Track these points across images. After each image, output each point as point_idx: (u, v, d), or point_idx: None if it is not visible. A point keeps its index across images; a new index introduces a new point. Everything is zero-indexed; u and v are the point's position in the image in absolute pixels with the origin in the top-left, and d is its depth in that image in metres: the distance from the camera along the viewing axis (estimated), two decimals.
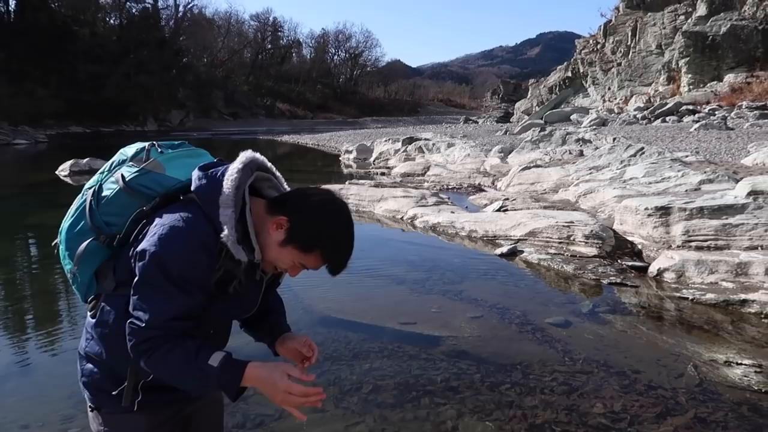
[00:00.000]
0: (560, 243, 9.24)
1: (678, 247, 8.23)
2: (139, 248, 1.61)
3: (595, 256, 8.62)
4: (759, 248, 7.57)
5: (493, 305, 6.91)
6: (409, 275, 8.31)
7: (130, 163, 1.73)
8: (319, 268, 1.81)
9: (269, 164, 1.82)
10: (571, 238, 9.12)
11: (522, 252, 9.22)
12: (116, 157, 1.78)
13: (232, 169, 1.65)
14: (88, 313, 1.79)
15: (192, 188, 1.68)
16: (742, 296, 6.63)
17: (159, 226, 1.60)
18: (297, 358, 1.97)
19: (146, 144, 1.78)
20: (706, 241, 8.05)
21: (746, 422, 4.04)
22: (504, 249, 9.31)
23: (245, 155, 1.70)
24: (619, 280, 7.64)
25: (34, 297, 7.79)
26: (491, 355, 5.39)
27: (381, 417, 4.13)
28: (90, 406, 1.83)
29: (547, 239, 9.44)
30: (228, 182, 1.62)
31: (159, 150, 1.76)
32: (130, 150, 1.78)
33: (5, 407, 4.44)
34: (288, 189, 1.85)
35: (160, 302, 1.56)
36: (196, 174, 1.68)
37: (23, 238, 11.84)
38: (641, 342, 5.80)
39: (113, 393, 1.73)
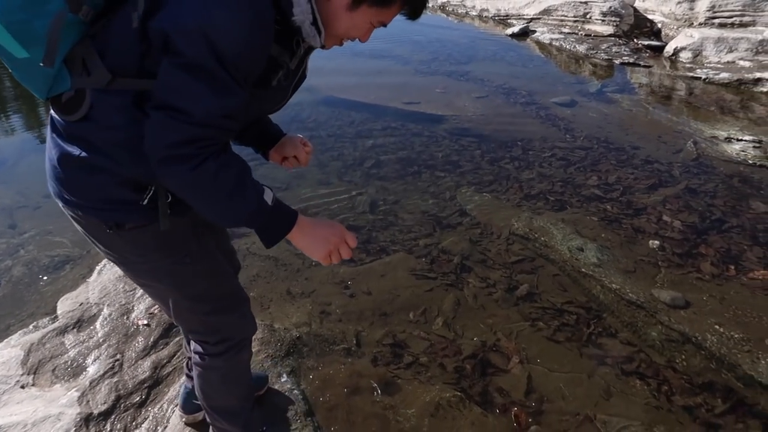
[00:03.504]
0: (575, 21, 8.74)
1: (700, 24, 7.77)
2: (172, 19, 1.13)
3: (610, 35, 8.21)
4: None
5: (499, 86, 6.78)
6: (415, 56, 8.03)
7: None
8: None
9: None
10: (588, 16, 8.60)
11: (534, 32, 8.78)
12: None
13: None
14: (63, 116, 1.27)
15: None
16: (758, 75, 6.43)
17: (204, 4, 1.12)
18: (290, 161, 1.80)
19: None
20: (731, 17, 7.57)
21: (734, 192, 4.19)
22: (515, 29, 8.85)
23: None
24: (632, 60, 7.38)
25: None
26: (493, 133, 5.43)
27: (383, 188, 4.31)
28: (107, 227, 1.36)
29: (562, 17, 8.91)
30: None
31: None
32: None
33: None
34: None
35: (213, 92, 1.16)
36: None
37: None
38: (645, 120, 5.79)
39: (141, 203, 1.32)
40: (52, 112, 1.31)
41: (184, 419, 2.09)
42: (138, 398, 2.27)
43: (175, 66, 1.14)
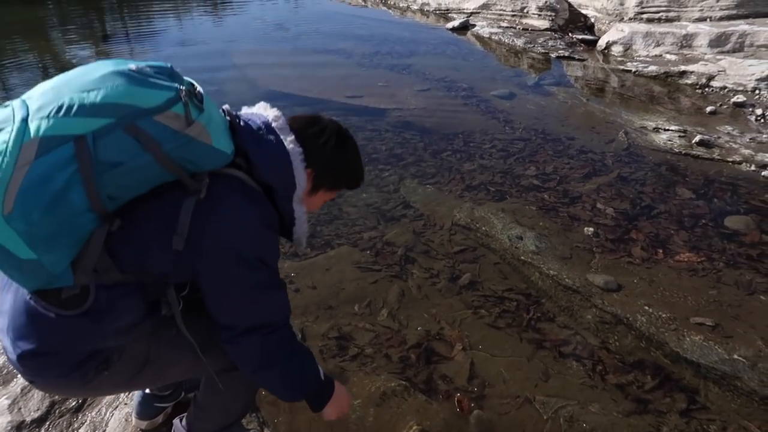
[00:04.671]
0: (513, 16, 8.94)
1: (630, 19, 8.10)
2: (222, 246, 1.28)
3: (547, 29, 8.45)
4: (708, 20, 7.53)
5: (441, 79, 6.87)
6: (357, 50, 8.04)
7: (157, 118, 1.15)
8: None
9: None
10: (525, 11, 8.81)
11: (474, 26, 8.92)
12: (111, 96, 1.12)
13: (295, 154, 1.40)
14: (58, 310, 1.21)
15: (267, 179, 1.38)
16: (682, 68, 6.76)
17: (241, 224, 1.30)
18: None
19: (174, 89, 1.19)
20: (657, 12, 7.92)
21: (662, 179, 4.41)
22: (456, 23, 8.98)
23: (284, 126, 1.42)
24: (567, 54, 7.61)
25: None
26: (435, 126, 5.51)
27: None
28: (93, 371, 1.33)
29: (501, 12, 9.10)
30: (299, 173, 1.41)
31: (198, 103, 1.23)
32: (145, 95, 1.15)
33: None
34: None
35: (280, 296, 1.42)
36: (262, 159, 1.36)
37: None
38: (580, 112, 6.00)
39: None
40: (30, 298, 1.22)
41: (144, 426, 2.01)
42: (74, 403, 2.19)
43: (243, 287, 1.32)
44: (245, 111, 1.50)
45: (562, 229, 3.66)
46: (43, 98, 1.09)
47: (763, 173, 4.47)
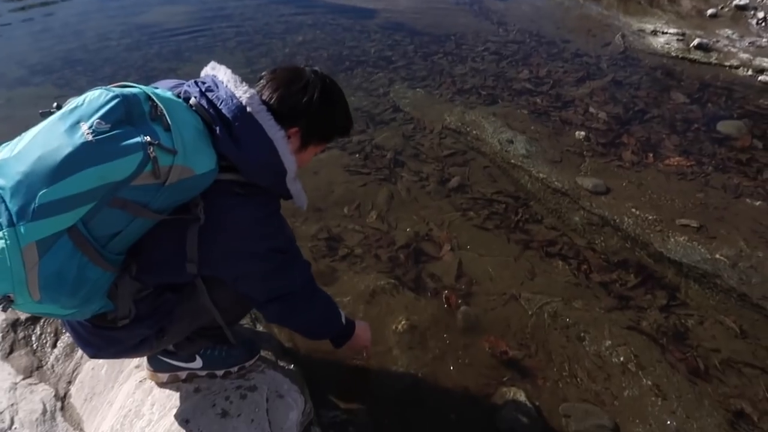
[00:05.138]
0: None
1: None
2: (233, 251, 1.39)
3: None
4: None
5: None
6: None
7: (135, 183, 1.14)
8: None
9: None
10: None
11: None
12: (85, 183, 1.07)
13: (279, 140, 1.35)
14: (105, 326, 1.35)
15: (256, 182, 1.38)
16: None
17: (244, 227, 1.36)
18: None
19: (140, 146, 1.12)
20: None
21: (657, 83, 4.32)
22: None
23: (260, 108, 1.34)
24: None
25: None
26: (426, 27, 5.30)
27: None
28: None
29: None
30: (287, 158, 1.39)
31: (166, 144, 1.16)
32: (115, 168, 1.10)
33: None
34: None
35: (295, 270, 1.55)
36: (246, 165, 1.33)
37: None
38: (576, 14, 5.78)
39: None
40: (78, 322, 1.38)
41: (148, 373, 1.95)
42: None
43: (267, 273, 1.46)
44: (209, 77, 1.38)
45: (554, 133, 3.62)
46: (18, 194, 1.04)
47: (759, 78, 4.40)
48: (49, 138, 1.08)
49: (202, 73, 1.42)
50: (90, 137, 1.07)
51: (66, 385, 1.90)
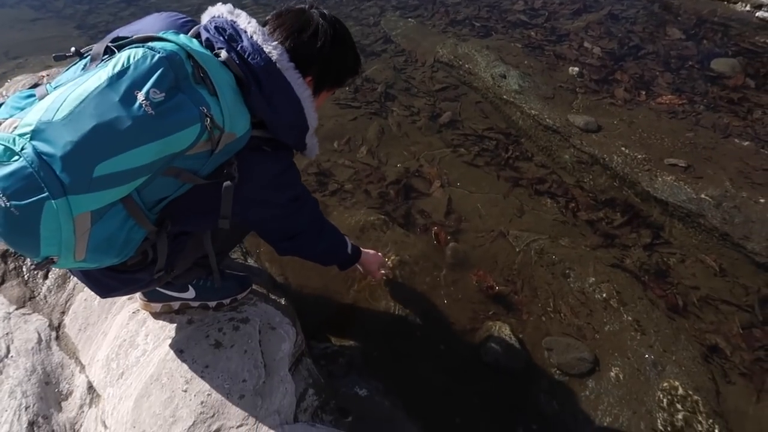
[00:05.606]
0: None
1: None
2: (261, 201, 1.45)
3: None
4: None
5: None
6: None
7: (190, 153, 1.16)
8: None
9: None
10: None
11: None
12: (146, 157, 1.08)
13: (305, 98, 1.34)
14: (123, 268, 1.35)
15: (284, 141, 1.39)
16: None
17: (272, 179, 1.41)
18: None
19: (197, 116, 1.11)
20: None
21: (653, 18, 4.23)
22: None
23: (288, 65, 1.30)
24: None
25: None
26: None
27: None
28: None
29: None
30: (310, 115, 1.38)
31: (220, 115, 1.16)
32: (174, 141, 1.10)
33: None
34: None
35: (306, 214, 1.61)
36: (277, 125, 1.33)
37: None
38: None
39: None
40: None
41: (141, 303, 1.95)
42: None
43: (279, 223, 1.56)
44: (225, 22, 1.29)
45: (547, 68, 3.56)
46: (71, 164, 1.00)
47: (757, 14, 4.31)
48: (102, 107, 1.03)
49: (211, 14, 1.34)
50: (149, 110, 1.05)
51: (60, 316, 1.92)
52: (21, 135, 1.00)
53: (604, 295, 2.21)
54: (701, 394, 1.91)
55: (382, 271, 2.14)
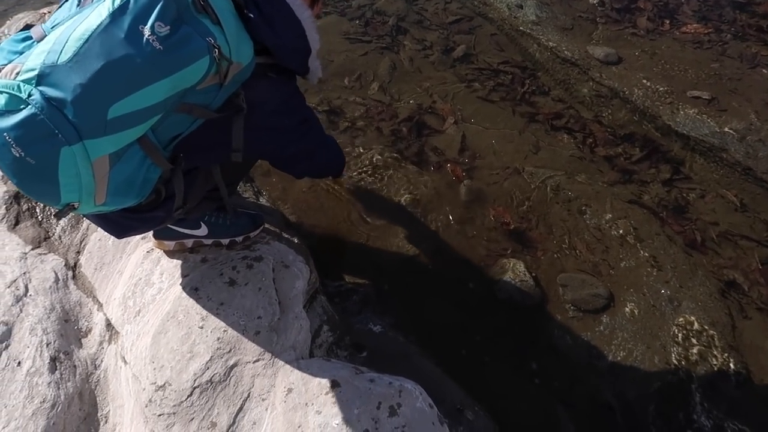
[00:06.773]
0: None
1: None
2: (271, 128, 1.44)
3: None
4: None
5: None
6: None
7: (200, 87, 1.13)
8: None
9: None
10: None
11: None
12: (157, 95, 1.04)
13: (306, 19, 1.31)
14: (138, 208, 1.32)
15: (287, 65, 1.36)
16: None
17: (279, 105, 1.40)
18: None
19: (206, 48, 1.07)
20: None
21: None
22: None
23: None
24: None
25: None
26: None
27: None
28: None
29: None
30: (311, 36, 1.34)
31: (226, 45, 1.12)
32: (184, 76, 1.06)
33: None
34: None
35: (313, 139, 1.63)
36: (280, 50, 1.29)
37: None
38: None
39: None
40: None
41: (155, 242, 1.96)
42: None
43: (299, 126, 1.52)
44: None
45: None
46: (83, 108, 0.96)
47: None
48: (108, 46, 0.98)
49: None
50: (157, 45, 1.00)
51: (75, 255, 1.94)
52: (25, 81, 0.95)
53: (621, 231, 2.18)
54: (717, 329, 1.90)
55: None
